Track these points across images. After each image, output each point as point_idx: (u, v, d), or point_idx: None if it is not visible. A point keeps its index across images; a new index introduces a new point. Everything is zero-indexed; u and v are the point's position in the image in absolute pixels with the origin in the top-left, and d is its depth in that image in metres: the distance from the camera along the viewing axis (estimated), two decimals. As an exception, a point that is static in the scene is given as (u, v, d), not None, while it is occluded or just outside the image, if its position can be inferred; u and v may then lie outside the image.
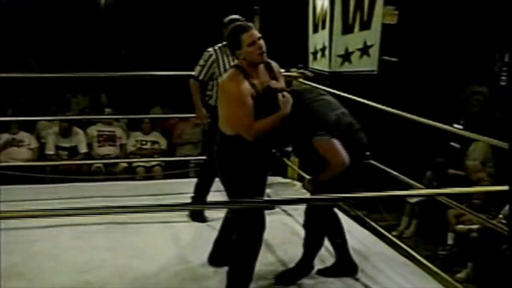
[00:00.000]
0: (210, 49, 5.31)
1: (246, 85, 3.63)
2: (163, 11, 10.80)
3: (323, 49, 6.87)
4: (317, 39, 7.04)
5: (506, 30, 8.59)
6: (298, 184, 6.13)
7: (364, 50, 6.52)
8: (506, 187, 2.89)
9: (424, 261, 4.38)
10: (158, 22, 10.77)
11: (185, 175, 8.21)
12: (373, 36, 6.52)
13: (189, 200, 5.19)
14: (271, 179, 6.21)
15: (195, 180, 5.49)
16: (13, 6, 9.96)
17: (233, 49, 3.73)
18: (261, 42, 3.69)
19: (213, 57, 5.25)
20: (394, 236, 6.92)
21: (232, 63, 5.38)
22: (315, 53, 7.08)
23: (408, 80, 8.08)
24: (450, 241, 6.63)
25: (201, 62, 5.33)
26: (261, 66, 3.78)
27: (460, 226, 6.42)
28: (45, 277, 4.14)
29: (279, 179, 6.31)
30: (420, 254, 4.69)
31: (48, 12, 10.49)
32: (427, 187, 7.09)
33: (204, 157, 5.71)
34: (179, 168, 8.48)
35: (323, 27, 6.86)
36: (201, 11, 10.56)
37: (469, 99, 8.46)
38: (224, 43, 5.23)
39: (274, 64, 3.95)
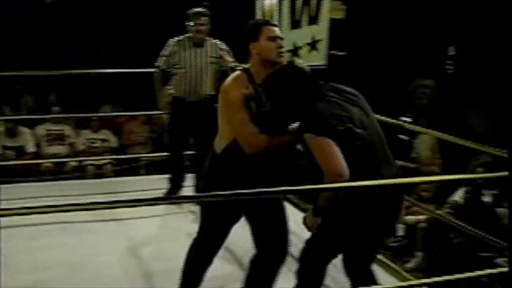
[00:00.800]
0: (174, 39, 5.44)
1: (248, 90, 3.13)
2: (114, 6, 10.69)
3: (273, 44, 6.90)
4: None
5: (450, 23, 8.78)
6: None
7: (313, 45, 6.56)
8: (454, 176, 2.84)
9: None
10: (110, 19, 10.66)
11: (136, 173, 8.18)
12: (321, 31, 6.55)
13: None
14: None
15: (146, 177, 5.50)
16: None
17: (248, 41, 3.21)
18: (282, 43, 3.22)
19: (175, 47, 5.38)
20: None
21: (196, 57, 5.44)
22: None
23: (357, 74, 8.19)
24: (400, 232, 6.75)
25: (164, 52, 5.45)
26: None
27: (409, 217, 6.55)
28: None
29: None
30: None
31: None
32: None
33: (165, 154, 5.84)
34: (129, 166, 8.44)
35: (272, 23, 6.88)
36: (152, 7, 10.49)
37: (416, 92, 8.61)
38: (188, 35, 5.41)
39: None
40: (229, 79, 3.22)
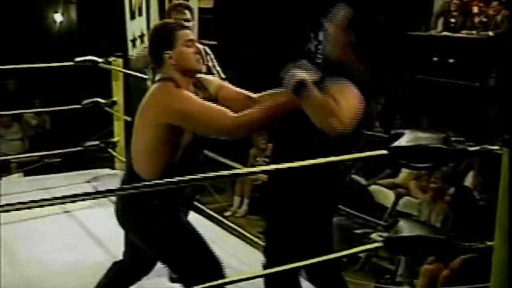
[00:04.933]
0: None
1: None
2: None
3: (141, 36, 6.81)
4: (135, 26, 6.96)
5: (318, 10, 8.98)
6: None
7: (182, 35, 6.53)
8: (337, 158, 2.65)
9: (253, 238, 4.50)
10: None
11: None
12: (190, 20, 6.52)
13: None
14: (97, 171, 6.11)
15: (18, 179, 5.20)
16: None
17: (161, 50, 2.75)
18: (199, 46, 2.91)
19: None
20: (228, 216, 7.10)
21: None
22: (134, 40, 7.00)
23: (228, 63, 8.21)
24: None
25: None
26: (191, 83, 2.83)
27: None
28: None
29: (107, 171, 6.16)
30: (252, 231, 4.81)
31: None
32: (252, 165, 7.33)
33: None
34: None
35: (140, 14, 6.79)
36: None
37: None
38: None
39: (212, 79, 3.03)
40: (164, 88, 2.72)
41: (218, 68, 4.35)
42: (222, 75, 4.33)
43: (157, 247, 2.83)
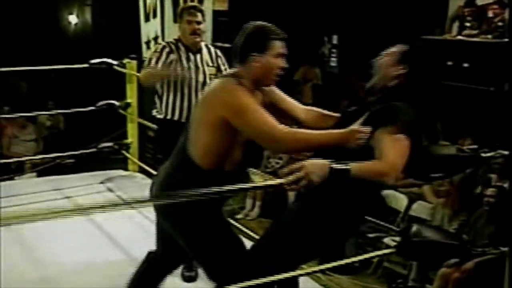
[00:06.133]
0: (162, 42, 4.31)
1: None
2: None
3: (156, 38, 6.84)
4: (149, 28, 6.99)
5: (333, 14, 8.98)
6: (139, 175, 6.05)
7: (197, 38, 6.54)
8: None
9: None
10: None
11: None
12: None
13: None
14: (111, 173, 6.14)
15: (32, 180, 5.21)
16: None
17: (250, 51, 2.72)
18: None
19: (171, 55, 4.16)
20: (239, 218, 7.12)
21: (195, 68, 4.17)
22: (148, 42, 7.03)
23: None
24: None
25: (153, 59, 4.16)
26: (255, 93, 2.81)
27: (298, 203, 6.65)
28: None
29: (120, 172, 6.18)
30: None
31: None
32: (266, 166, 7.34)
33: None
34: (11, 170, 8.10)
35: (155, 16, 6.82)
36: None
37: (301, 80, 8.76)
38: (175, 37, 4.31)
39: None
40: (225, 84, 2.71)
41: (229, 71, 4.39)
42: None
43: (195, 241, 2.84)
